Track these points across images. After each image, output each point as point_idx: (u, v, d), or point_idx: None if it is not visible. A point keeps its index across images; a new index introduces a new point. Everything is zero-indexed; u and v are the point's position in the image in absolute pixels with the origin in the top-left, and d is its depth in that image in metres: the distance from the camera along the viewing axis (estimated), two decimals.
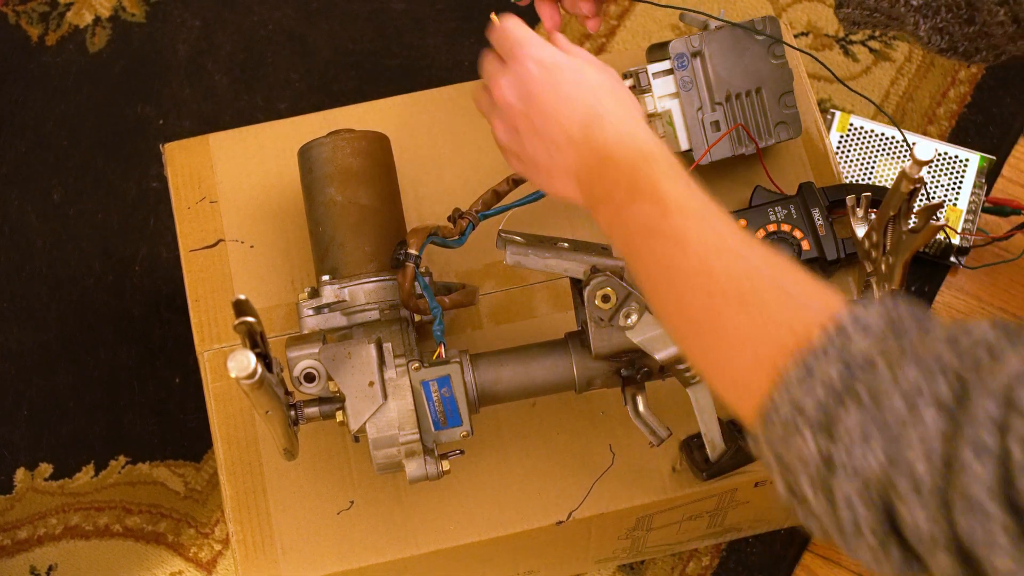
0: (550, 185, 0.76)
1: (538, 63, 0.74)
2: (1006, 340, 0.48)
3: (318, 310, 0.83)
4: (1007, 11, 0.71)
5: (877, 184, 1.23)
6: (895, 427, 0.49)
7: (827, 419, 0.51)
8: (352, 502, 0.90)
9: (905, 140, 1.22)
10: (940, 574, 0.49)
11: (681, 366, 0.78)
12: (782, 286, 0.57)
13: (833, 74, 1.01)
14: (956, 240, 1.22)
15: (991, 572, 0.47)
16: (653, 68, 0.91)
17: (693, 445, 0.88)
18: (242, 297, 0.65)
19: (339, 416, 0.79)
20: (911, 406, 0.48)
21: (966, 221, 1.23)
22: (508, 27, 0.78)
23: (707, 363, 0.60)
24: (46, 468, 1.27)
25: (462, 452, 0.84)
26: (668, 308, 0.62)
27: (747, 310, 0.56)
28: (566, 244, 0.81)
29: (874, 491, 0.50)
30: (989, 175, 1.26)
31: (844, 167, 1.25)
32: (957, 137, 1.33)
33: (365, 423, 0.78)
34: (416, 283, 0.83)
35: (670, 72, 0.91)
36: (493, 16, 0.84)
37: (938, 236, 1.20)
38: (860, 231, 0.84)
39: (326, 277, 0.84)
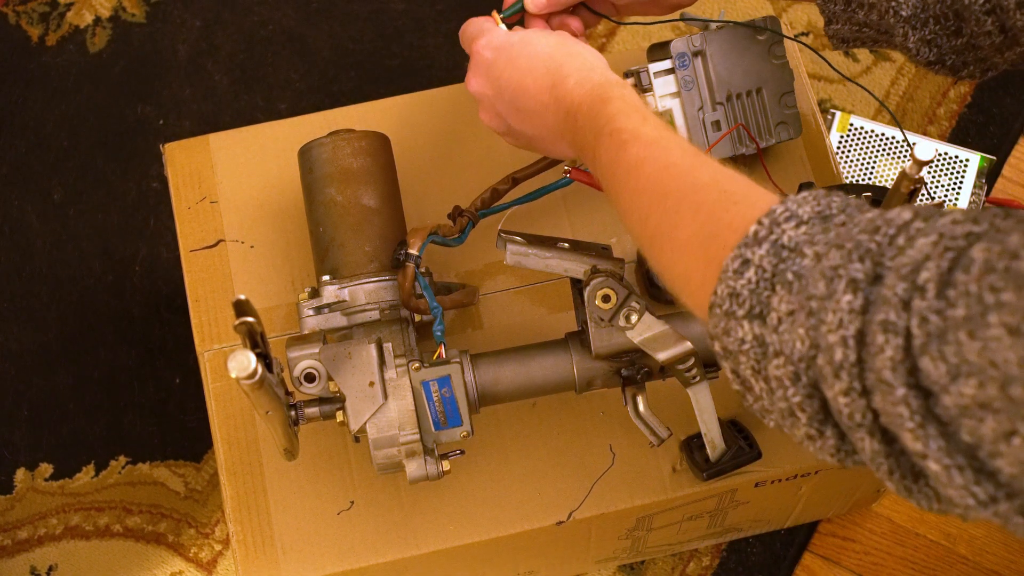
0: (552, 151, 0.81)
1: (491, 49, 0.80)
2: (922, 223, 0.49)
3: (318, 310, 0.83)
4: (994, 20, 0.71)
5: (877, 184, 1.23)
6: (816, 309, 0.50)
7: (760, 304, 0.54)
8: (352, 502, 0.90)
9: (906, 139, 1.22)
10: (867, 457, 0.51)
11: (681, 366, 0.78)
12: (726, 191, 0.60)
13: (837, 71, 1.01)
14: None
15: (908, 451, 0.48)
16: (654, 67, 0.91)
17: (693, 445, 0.88)
18: (242, 297, 0.65)
19: (339, 416, 0.79)
20: (830, 288, 0.50)
21: None
22: (463, 29, 0.83)
23: (671, 273, 0.63)
24: (46, 468, 1.27)
25: (462, 452, 0.84)
26: (636, 230, 0.66)
27: (696, 218, 0.60)
28: (566, 244, 0.81)
29: (802, 373, 0.52)
30: (989, 175, 1.26)
31: (844, 167, 1.25)
32: (957, 137, 1.33)
33: (365, 423, 0.78)
34: (416, 283, 0.83)
35: (671, 71, 0.91)
36: (494, 14, 0.85)
37: None
38: None
39: (326, 277, 0.84)
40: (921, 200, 1.17)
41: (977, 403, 0.43)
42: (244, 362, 0.63)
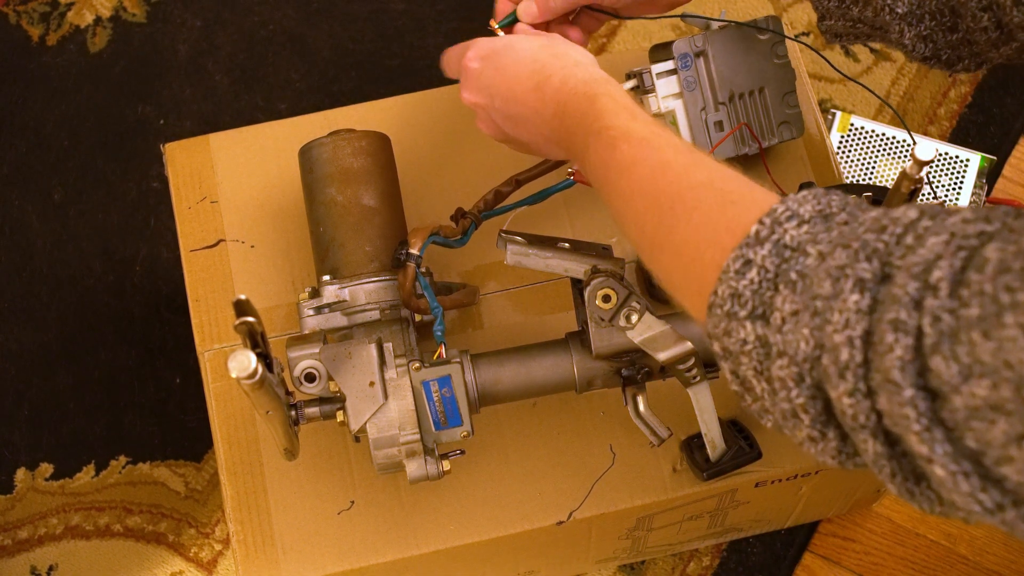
0: (548, 155, 0.81)
1: (478, 59, 0.79)
2: (929, 221, 0.49)
3: (319, 310, 0.83)
4: (991, 16, 0.71)
5: (878, 184, 1.23)
6: (821, 309, 0.50)
7: (763, 304, 0.53)
8: (352, 502, 0.90)
9: (911, 134, 1.22)
10: (870, 459, 0.50)
11: (682, 366, 0.78)
12: (723, 192, 0.59)
13: (838, 71, 1.01)
14: None
15: (912, 455, 0.47)
16: (657, 68, 0.91)
17: (694, 445, 0.88)
18: (243, 297, 0.65)
19: (340, 416, 0.79)
20: (836, 287, 0.49)
21: None
22: (447, 53, 0.84)
23: (668, 276, 0.62)
24: (47, 468, 1.27)
25: (463, 452, 0.84)
26: (632, 233, 0.65)
27: (692, 219, 0.59)
28: (567, 244, 0.81)
29: (806, 374, 0.51)
30: (990, 175, 1.26)
31: (845, 167, 1.25)
32: (958, 137, 1.33)
33: (366, 423, 0.78)
34: (417, 283, 0.83)
35: (674, 72, 0.91)
36: (493, 23, 0.85)
37: None
38: None
39: (327, 277, 0.84)
40: (922, 200, 1.17)
41: (989, 404, 0.43)
42: (244, 362, 0.63)
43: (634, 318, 0.77)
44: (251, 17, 1.46)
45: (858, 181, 1.25)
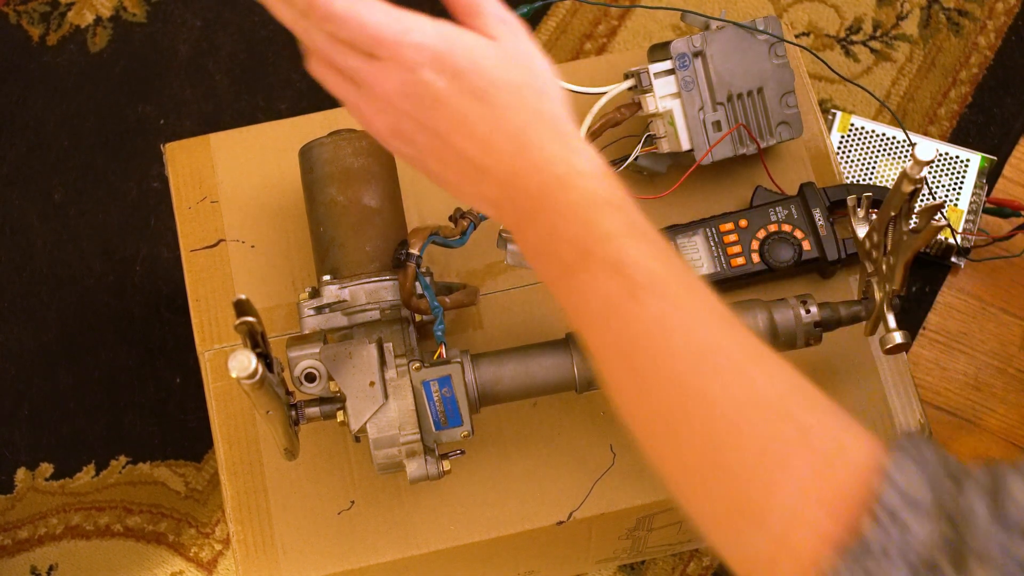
0: (469, 204, 0.62)
1: (435, 71, 0.54)
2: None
3: (319, 310, 0.83)
4: None
5: (878, 184, 1.23)
6: None
7: None
8: (353, 502, 0.90)
9: (908, 137, 1.22)
10: None
11: None
12: (801, 425, 0.44)
13: (836, 72, 1.01)
14: (957, 240, 1.22)
15: None
16: (655, 68, 0.91)
17: None
18: (243, 297, 0.65)
19: (340, 416, 0.79)
20: None
21: (967, 222, 1.23)
22: (369, 17, 0.56)
23: (714, 528, 0.46)
24: (47, 468, 1.27)
25: (463, 452, 0.84)
26: (644, 420, 0.48)
27: (764, 464, 0.43)
28: None
29: None
30: (990, 175, 1.26)
31: (845, 167, 1.25)
32: (958, 137, 1.33)
33: (366, 423, 0.78)
34: (417, 283, 0.83)
35: (671, 72, 0.91)
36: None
37: (939, 236, 1.20)
38: (861, 231, 0.84)
39: (327, 277, 0.84)
40: (921, 200, 1.17)
41: None
42: (244, 362, 0.63)
43: None
44: (251, 17, 1.46)
45: (858, 181, 1.25)
